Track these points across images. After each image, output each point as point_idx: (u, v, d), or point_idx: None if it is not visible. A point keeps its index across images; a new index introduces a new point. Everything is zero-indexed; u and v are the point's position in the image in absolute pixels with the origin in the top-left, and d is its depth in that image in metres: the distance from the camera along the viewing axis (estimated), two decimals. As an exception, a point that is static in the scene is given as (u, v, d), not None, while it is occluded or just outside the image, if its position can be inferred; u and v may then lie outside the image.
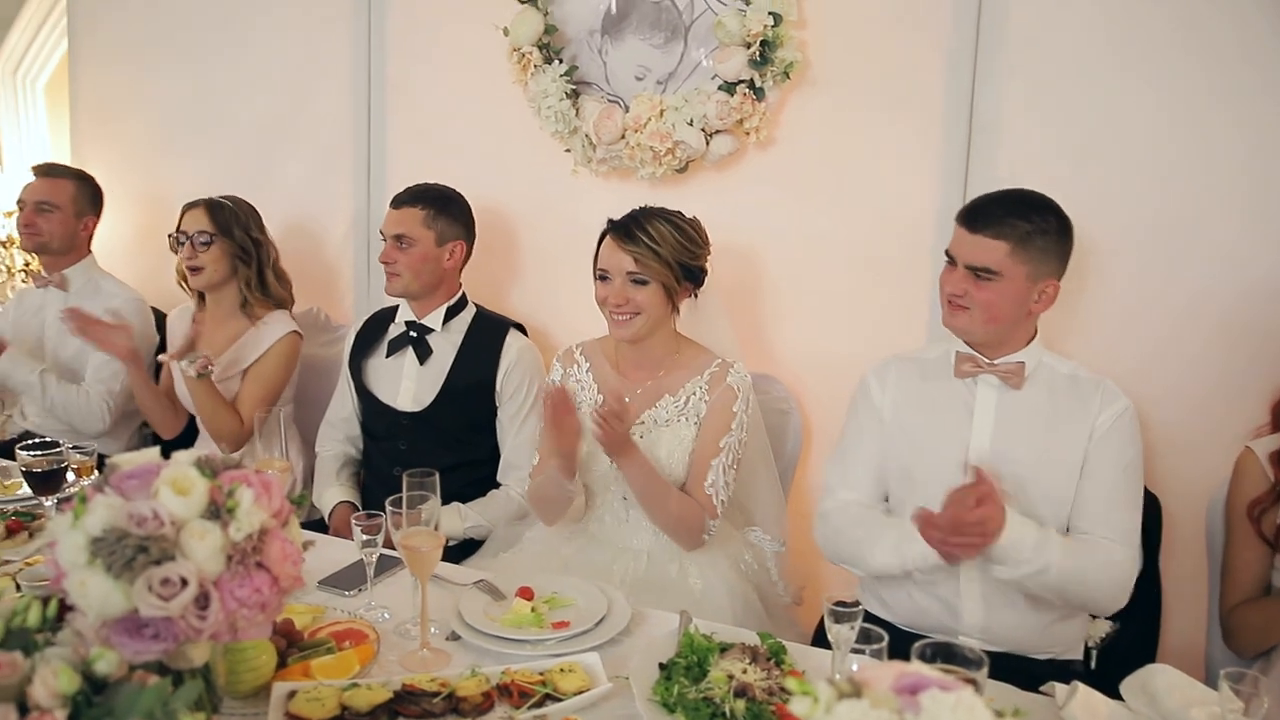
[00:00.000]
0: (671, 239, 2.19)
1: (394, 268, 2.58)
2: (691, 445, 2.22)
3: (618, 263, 2.19)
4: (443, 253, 2.60)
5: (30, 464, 2.01)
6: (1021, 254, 1.90)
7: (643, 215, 2.22)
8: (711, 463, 2.20)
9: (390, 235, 2.58)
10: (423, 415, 2.60)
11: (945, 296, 1.98)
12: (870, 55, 2.55)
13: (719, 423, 2.21)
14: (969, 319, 1.95)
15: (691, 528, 2.19)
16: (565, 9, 2.81)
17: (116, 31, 3.57)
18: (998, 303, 1.92)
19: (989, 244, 1.90)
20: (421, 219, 2.58)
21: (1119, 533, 1.91)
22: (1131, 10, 2.32)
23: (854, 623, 1.51)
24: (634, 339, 2.23)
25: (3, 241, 3.86)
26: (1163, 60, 2.31)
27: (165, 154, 3.54)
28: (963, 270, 1.93)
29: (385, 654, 1.68)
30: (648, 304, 2.19)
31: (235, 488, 1.22)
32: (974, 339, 1.98)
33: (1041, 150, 2.42)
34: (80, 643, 1.15)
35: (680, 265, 2.21)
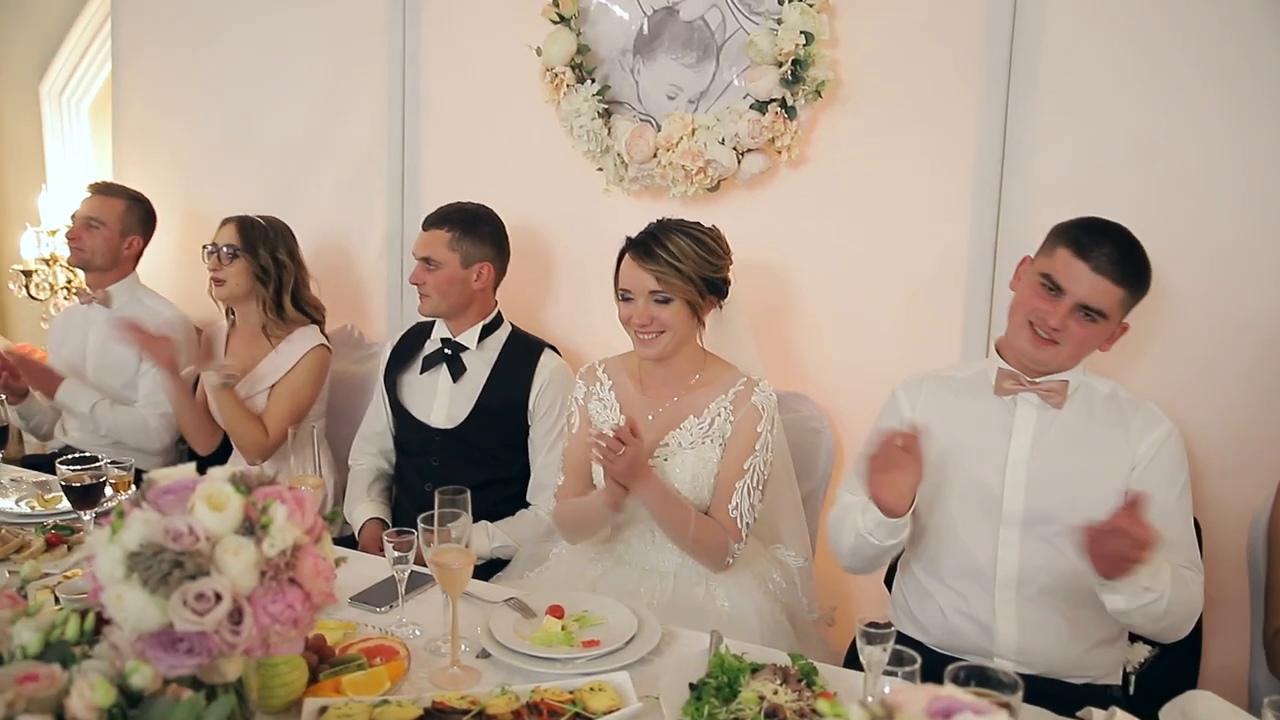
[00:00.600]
0: (692, 253, 2.15)
1: (423, 289, 2.60)
2: (716, 468, 2.19)
3: (640, 282, 2.16)
4: (469, 274, 2.61)
5: (70, 479, 2.04)
6: (1129, 301, 1.89)
7: (660, 231, 2.18)
8: (736, 485, 2.16)
9: (419, 257, 2.60)
10: (455, 432, 2.61)
11: (1034, 322, 1.90)
12: (903, 74, 2.55)
13: (743, 444, 2.18)
14: (1054, 353, 1.90)
15: (714, 551, 2.16)
16: (598, 29, 2.83)
17: (158, 55, 3.64)
18: (1091, 341, 1.90)
19: (1110, 288, 1.85)
20: (447, 241, 2.59)
21: (1186, 559, 1.87)
22: (1169, 30, 2.30)
23: (886, 644, 1.50)
24: (660, 357, 2.21)
25: (47, 259, 3.93)
26: (1202, 81, 2.28)
27: (203, 173, 3.59)
28: (1069, 306, 1.86)
29: (416, 671, 1.69)
30: (672, 321, 2.16)
31: (269, 504, 1.23)
32: (1046, 370, 1.94)
33: (1076, 170, 2.40)
34: (116, 656, 1.16)
35: (703, 279, 2.17)
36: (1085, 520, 1.88)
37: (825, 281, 2.70)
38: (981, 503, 1.97)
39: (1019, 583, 1.93)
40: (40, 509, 2.37)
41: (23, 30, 4.14)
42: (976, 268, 2.51)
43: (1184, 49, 2.28)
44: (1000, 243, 2.48)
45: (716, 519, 2.18)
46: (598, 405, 2.31)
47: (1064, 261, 1.88)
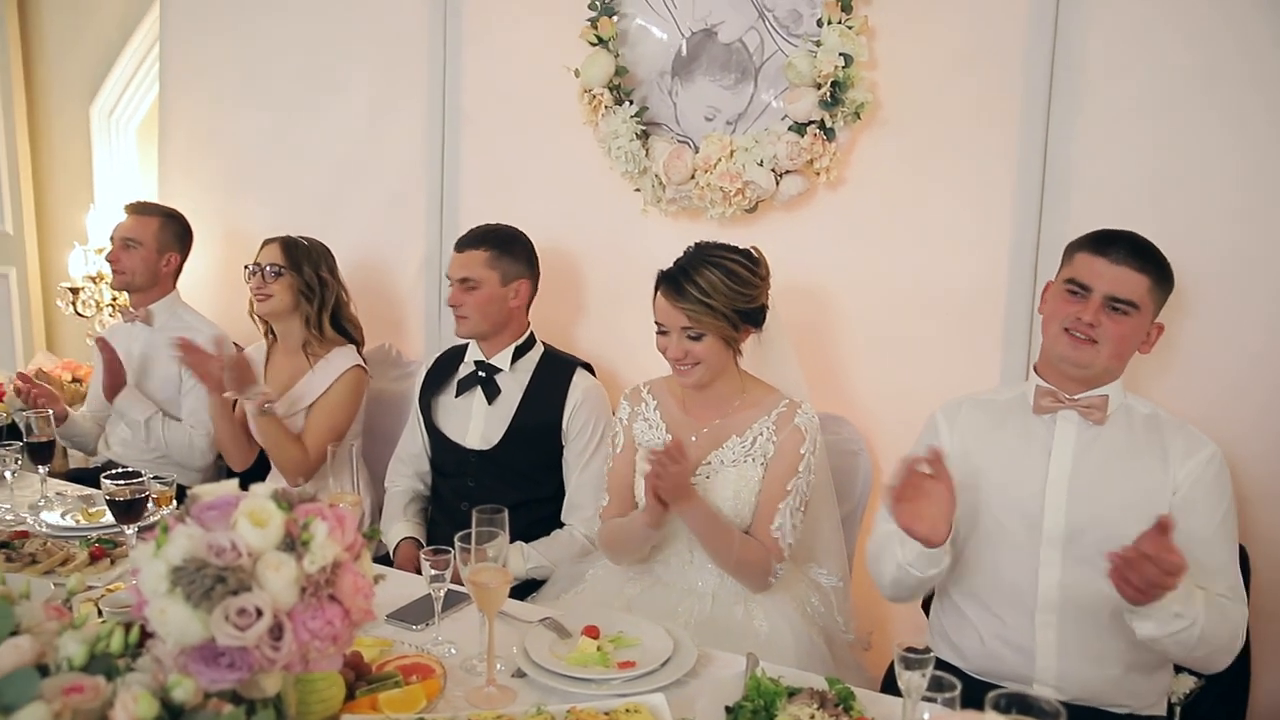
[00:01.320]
0: (724, 287, 2.13)
1: (462, 310, 2.61)
2: (758, 487, 2.19)
3: (672, 318, 2.16)
4: (508, 292, 2.63)
5: (114, 493, 2.07)
6: (1157, 290, 1.89)
7: (691, 265, 2.15)
8: (779, 506, 2.17)
9: (456, 279, 2.61)
10: (490, 454, 2.62)
11: (1069, 327, 1.90)
12: (942, 96, 2.54)
13: (786, 465, 2.18)
14: (1094, 353, 1.89)
15: (756, 571, 2.16)
16: (636, 51, 2.85)
17: (203, 79, 3.71)
18: (1129, 337, 1.90)
19: (1135, 276, 1.87)
20: (485, 260, 2.61)
21: (1227, 586, 1.84)
22: (1207, 51, 2.28)
23: (925, 670, 1.48)
24: (698, 386, 2.22)
25: (93, 277, 4.00)
26: (1239, 100, 2.26)
27: (245, 193, 3.65)
28: (1099, 301, 1.88)
29: (451, 689, 1.69)
30: (706, 354, 2.16)
31: (310, 521, 1.24)
32: (1088, 374, 1.92)
33: (1117, 191, 2.38)
34: (159, 669, 1.17)
35: (736, 312, 2.16)
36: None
37: (863, 303, 2.69)
38: (1021, 524, 1.95)
39: (1060, 605, 1.90)
40: (85, 522, 2.41)
41: (76, 53, 4.25)
42: (1016, 290, 2.49)
43: (1229, 68, 2.26)
44: (1040, 265, 2.45)
45: (758, 538, 2.17)
46: (643, 425, 2.32)
47: (1085, 263, 1.91)
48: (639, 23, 2.84)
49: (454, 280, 2.63)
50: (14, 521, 2.41)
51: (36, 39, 4.38)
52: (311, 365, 2.95)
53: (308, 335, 2.96)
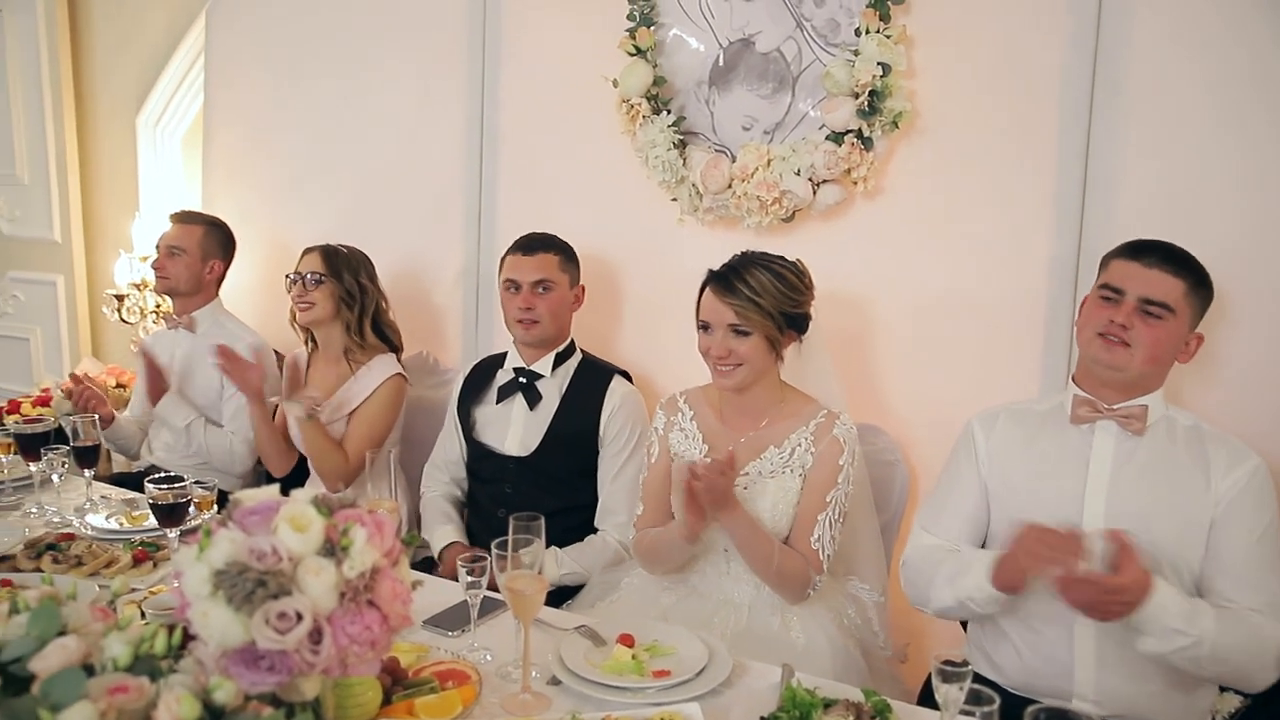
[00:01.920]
0: (773, 288, 2.15)
1: (534, 314, 2.61)
2: (796, 498, 2.19)
3: (719, 314, 2.17)
4: (572, 296, 2.67)
5: (157, 497, 2.10)
6: (1193, 296, 1.87)
7: (742, 265, 2.19)
8: (818, 518, 2.16)
9: (528, 281, 2.61)
10: (528, 460, 2.63)
11: (1103, 330, 1.89)
12: (981, 105, 2.52)
13: (825, 477, 2.17)
14: (1128, 356, 1.87)
15: (796, 583, 2.15)
16: (674, 61, 2.86)
17: (247, 90, 3.77)
18: (1163, 342, 1.87)
19: (1169, 280, 1.85)
20: (557, 264, 2.64)
21: (1263, 602, 1.81)
22: (1253, 60, 2.25)
23: (963, 683, 1.46)
24: (738, 388, 2.21)
25: (138, 284, 4.07)
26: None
27: (287, 202, 3.70)
28: (1132, 304, 1.86)
29: (487, 696, 1.69)
30: (750, 355, 2.16)
31: (349, 526, 1.25)
32: (1123, 378, 1.90)
33: (1159, 201, 2.35)
34: (201, 671, 1.19)
35: (783, 314, 2.17)
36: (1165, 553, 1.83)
37: (901, 313, 2.67)
38: None
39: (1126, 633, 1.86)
40: (128, 525, 2.44)
41: (123, 65, 4.33)
42: (1056, 301, 2.47)
43: (1272, 77, 2.23)
44: (1081, 275, 2.43)
45: (797, 550, 2.17)
46: (679, 435, 2.32)
47: (1119, 269, 1.90)
48: (676, 33, 2.85)
49: (525, 284, 2.61)
50: (61, 524, 2.46)
51: (86, 52, 4.47)
52: (354, 372, 2.98)
53: (349, 342, 2.99)
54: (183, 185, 4.22)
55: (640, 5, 2.83)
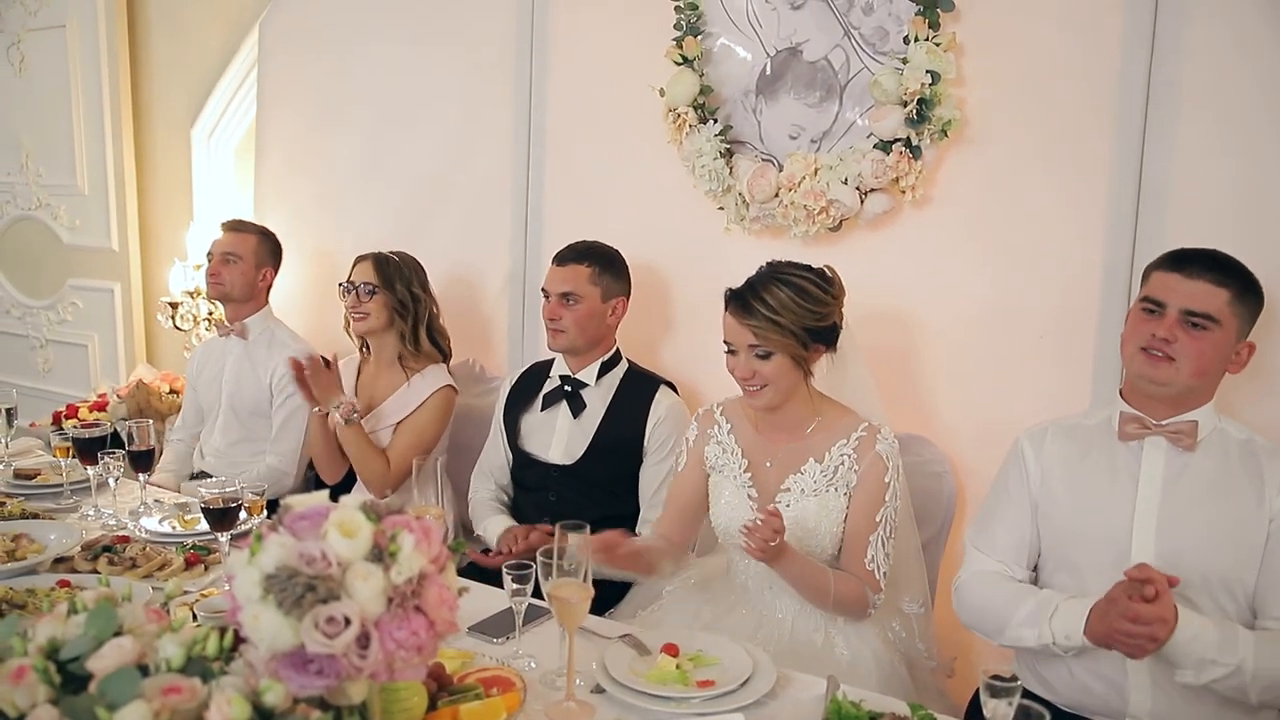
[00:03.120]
0: (792, 305, 2.07)
1: (559, 324, 2.63)
2: (840, 516, 2.15)
3: (739, 336, 2.11)
4: (606, 309, 2.66)
5: (209, 501, 2.14)
6: (1239, 305, 1.82)
7: (760, 283, 2.11)
8: (869, 538, 2.13)
9: (556, 292, 2.63)
10: (572, 468, 2.64)
11: (1145, 345, 1.85)
12: (1032, 113, 2.49)
13: (872, 496, 2.13)
14: (1173, 371, 1.83)
15: (856, 606, 2.13)
16: (720, 70, 2.86)
17: (298, 102, 3.84)
18: (1209, 354, 1.83)
19: (1211, 290, 1.81)
20: (588, 276, 2.64)
21: None
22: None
23: (1012, 699, 1.44)
24: (768, 408, 2.17)
25: (191, 292, 4.15)
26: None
27: (336, 211, 3.75)
28: (1175, 316, 1.82)
29: (531, 703, 1.70)
30: (775, 375, 2.11)
31: (397, 532, 1.26)
32: (1169, 393, 1.86)
33: (1218, 210, 2.30)
34: (251, 674, 1.21)
35: (806, 330, 2.10)
36: (1218, 573, 1.79)
37: (950, 323, 2.64)
38: (1110, 554, 1.89)
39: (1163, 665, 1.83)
40: (181, 529, 2.49)
41: (179, 79, 4.42)
42: (1109, 312, 2.43)
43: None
44: (1134, 286, 2.38)
45: (853, 572, 2.14)
46: (716, 449, 2.29)
47: (1160, 281, 1.86)
48: (723, 42, 2.85)
49: (553, 294, 2.64)
50: (116, 526, 2.51)
51: (144, 68, 4.58)
52: (408, 379, 3.01)
53: (403, 349, 3.02)
54: (235, 194, 4.30)
55: (687, 15, 2.83)
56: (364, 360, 3.14)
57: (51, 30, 4.65)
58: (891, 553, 2.15)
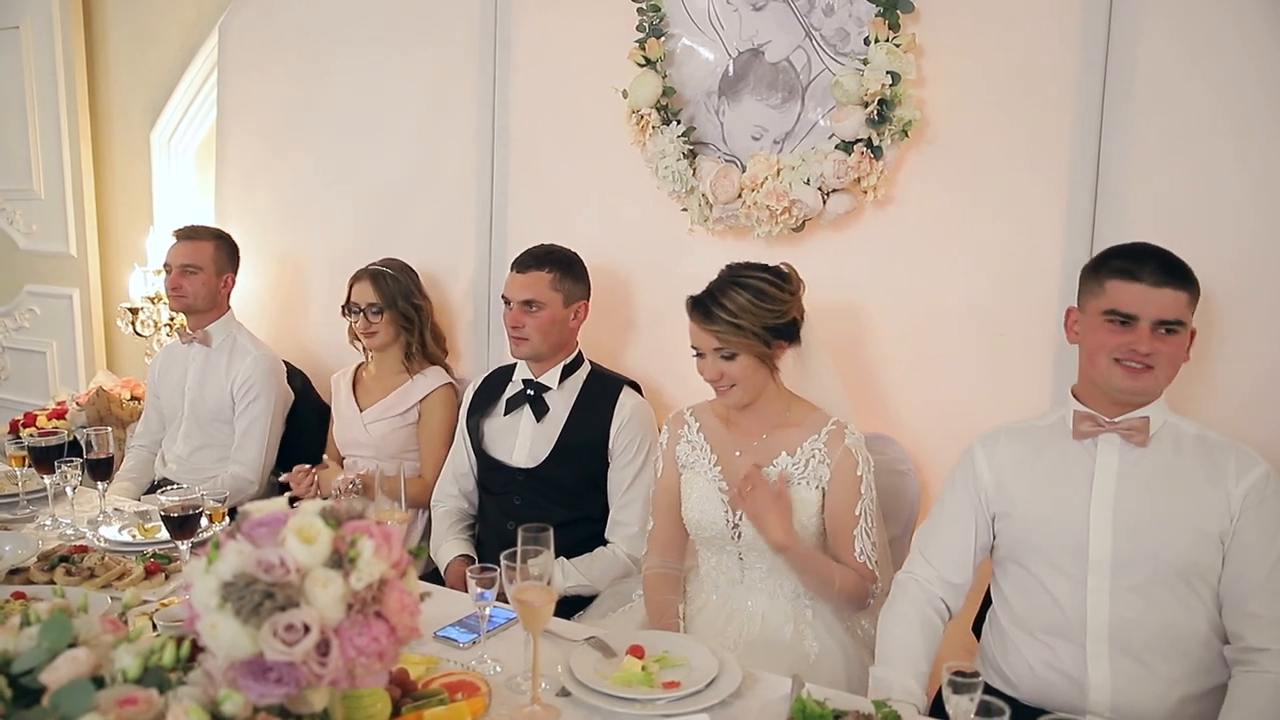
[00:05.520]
0: (751, 308, 2.13)
1: (522, 332, 2.62)
2: (814, 509, 2.19)
3: (704, 341, 2.18)
4: (569, 314, 2.65)
5: (169, 508, 2.11)
6: (1192, 303, 1.86)
7: (719, 289, 2.17)
8: (854, 532, 2.17)
9: (517, 300, 2.62)
10: (536, 471, 2.63)
11: (1122, 358, 1.86)
12: (991, 113, 2.52)
13: (848, 491, 2.18)
14: (1152, 379, 1.86)
15: (857, 596, 2.18)
16: (683, 71, 2.86)
17: (259, 104, 3.80)
18: (1180, 354, 1.87)
19: (1177, 295, 1.84)
20: (549, 282, 2.62)
21: (1277, 614, 1.80)
22: (1264, 67, 2.23)
23: (974, 694, 1.45)
24: (739, 405, 2.23)
25: (152, 297, 4.09)
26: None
27: (300, 215, 3.72)
28: (1148, 328, 1.84)
29: (496, 707, 1.69)
30: (742, 374, 2.17)
31: (357, 538, 1.25)
32: (1145, 400, 1.89)
33: (1174, 210, 2.33)
34: (210, 683, 1.20)
35: (767, 329, 2.15)
36: (1176, 567, 1.82)
37: (912, 323, 2.66)
38: (1067, 553, 1.91)
39: (1111, 635, 1.86)
40: (141, 537, 2.45)
41: (138, 81, 4.37)
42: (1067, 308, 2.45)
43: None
44: (1093, 284, 2.41)
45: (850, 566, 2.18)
46: (686, 447, 2.33)
47: (1123, 291, 1.86)
48: (686, 43, 2.86)
49: (515, 301, 2.62)
50: (74, 536, 2.47)
51: (101, 68, 4.51)
52: (411, 376, 3.09)
53: (408, 354, 3.10)
54: (196, 199, 4.25)
55: (649, 16, 2.84)
56: (363, 365, 3.17)
57: (5, 31, 4.58)
58: (878, 542, 2.20)
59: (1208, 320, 2.19)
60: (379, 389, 3.09)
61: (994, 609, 2.07)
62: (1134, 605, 1.85)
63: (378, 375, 3.12)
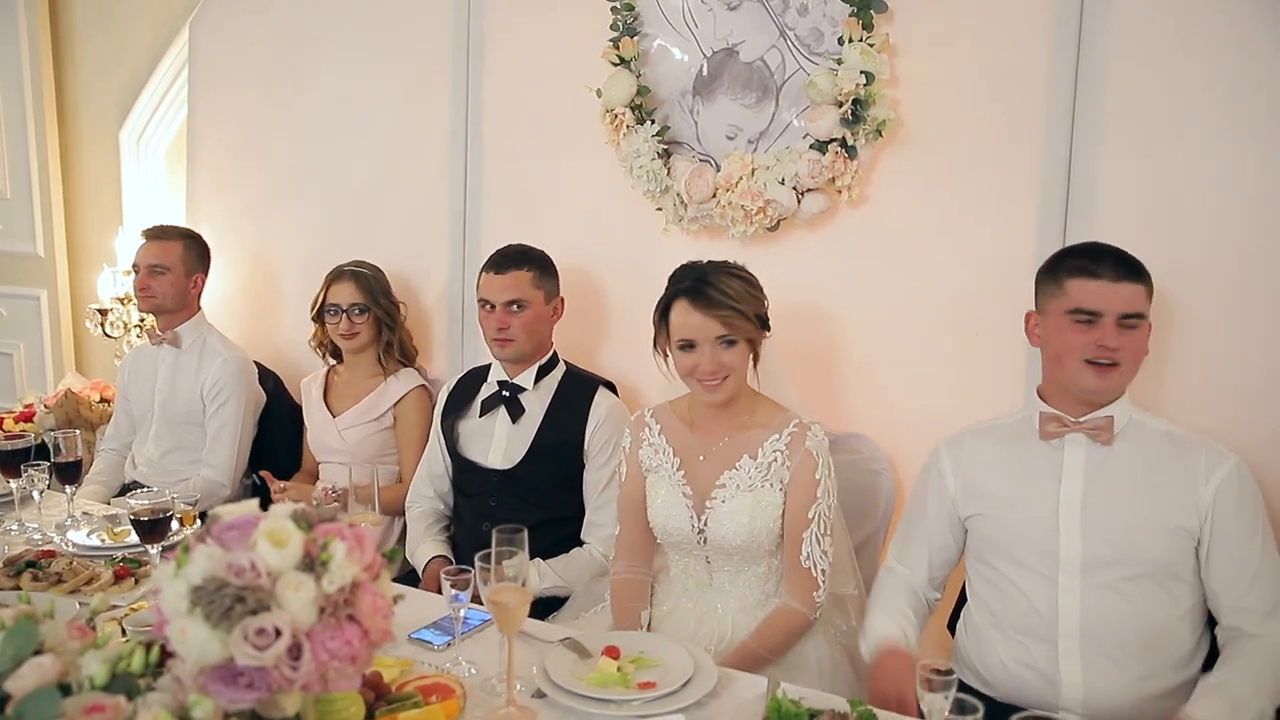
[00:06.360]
0: (744, 292, 2.15)
1: (508, 333, 2.60)
2: (777, 512, 2.16)
3: (704, 329, 2.12)
4: (549, 311, 2.65)
5: (138, 512, 2.09)
6: (1149, 294, 1.89)
7: (711, 276, 2.15)
8: (803, 535, 2.14)
9: (501, 301, 2.59)
10: (512, 473, 2.62)
11: (1091, 356, 1.87)
12: (964, 113, 2.53)
13: (804, 493, 2.15)
14: (1119, 375, 1.88)
15: (799, 627, 2.14)
16: (658, 71, 2.86)
17: (230, 102, 3.76)
18: (1142, 347, 1.90)
19: (1134, 287, 1.87)
20: (530, 280, 2.62)
21: (1267, 601, 1.84)
22: (1231, 69, 2.26)
23: (948, 692, 1.46)
24: (724, 401, 2.18)
25: (121, 298, 4.05)
26: (1258, 117, 2.24)
27: (271, 214, 3.68)
28: (1113, 323, 1.86)
29: (471, 709, 1.68)
30: (738, 363, 2.15)
31: (329, 541, 1.24)
32: (1112, 397, 1.91)
33: (1145, 210, 2.35)
34: (179, 689, 1.18)
35: (756, 316, 2.17)
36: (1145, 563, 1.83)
37: (886, 321, 2.67)
38: (1037, 552, 1.93)
39: (1082, 633, 1.88)
40: (110, 542, 2.42)
41: (107, 78, 4.31)
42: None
43: (1254, 82, 2.24)
44: (1065, 282, 2.43)
45: (790, 572, 2.16)
46: (649, 451, 2.30)
47: (1084, 290, 1.88)
48: (660, 43, 2.85)
49: (498, 303, 2.60)
50: (41, 541, 2.44)
51: (69, 65, 4.45)
52: (385, 379, 3.06)
53: (384, 356, 3.07)
54: (166, 199, 4.20)
55: (624, 15, 2.83)
56: (333, 371, 3.14)
57: (-32, 27, 4.51)
58: (829, 549, 2.15)
59: (1174, 317, 2.21)
60: (352, 394, 3.07)
61: (968, 607, 2.09)
62: (1105, 602, 1.87)
63: (350, 379, 3.10)
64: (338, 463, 2.98)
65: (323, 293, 3.04)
